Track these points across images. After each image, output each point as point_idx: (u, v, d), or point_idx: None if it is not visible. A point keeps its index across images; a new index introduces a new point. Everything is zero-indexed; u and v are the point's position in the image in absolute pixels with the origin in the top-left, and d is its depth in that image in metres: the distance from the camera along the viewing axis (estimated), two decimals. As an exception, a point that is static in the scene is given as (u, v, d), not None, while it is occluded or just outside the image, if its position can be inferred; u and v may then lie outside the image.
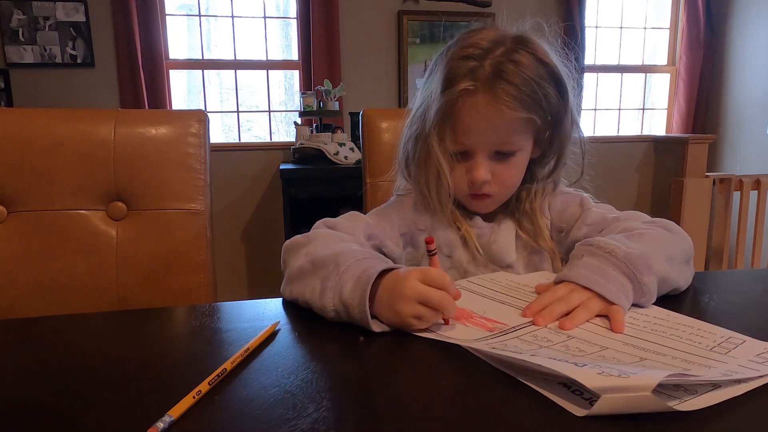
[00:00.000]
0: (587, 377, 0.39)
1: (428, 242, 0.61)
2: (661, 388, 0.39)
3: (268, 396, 0.42)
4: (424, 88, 0.77)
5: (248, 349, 0.50)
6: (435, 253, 0.61)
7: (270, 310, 0.64)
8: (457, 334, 0.54)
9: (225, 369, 0.46)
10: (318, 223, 0.76)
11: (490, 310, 0.60)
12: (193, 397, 0.41)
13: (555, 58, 0.73)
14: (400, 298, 0.53)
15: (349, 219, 0.78)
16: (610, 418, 0.37)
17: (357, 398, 0.41)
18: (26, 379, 0.47)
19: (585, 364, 0.42)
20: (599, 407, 0.37)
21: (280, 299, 0.67)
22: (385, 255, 0.74)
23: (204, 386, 0.43)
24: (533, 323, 0.55)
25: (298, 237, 0.71)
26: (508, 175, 0.76)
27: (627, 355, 0.47)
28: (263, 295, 3.30)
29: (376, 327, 0.54)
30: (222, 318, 0.61)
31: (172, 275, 0.96)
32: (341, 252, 0.61)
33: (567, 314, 0.56)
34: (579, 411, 0.39)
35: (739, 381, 0.42)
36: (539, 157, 0.80)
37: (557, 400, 0.40)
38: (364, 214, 0.83)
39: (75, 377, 0.47)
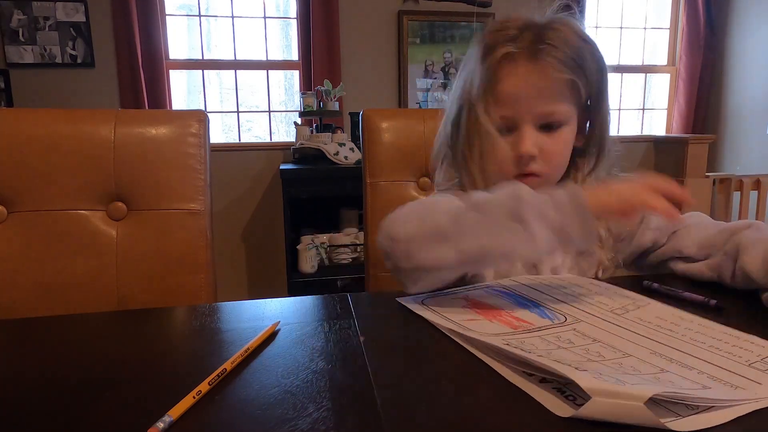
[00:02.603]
0: (582, 378, 0.39)
1: None
2: (661, 401, 0.38)
3: (268, 396, 0.42)
4: (461, 74, 0.76)
5: (248, 349, 0.50)
6: None
7: (270, 310, 0.64)
8: (478, 328, 0.54)
9: (225, 369, 0.46)
10: (410, 204, 0.67)
11: (521, 310, 0.60)
12: (193, 397, 0.41)
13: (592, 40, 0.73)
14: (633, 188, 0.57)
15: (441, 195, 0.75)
16: (599, 425, 0.37)
17: (357, 398, 0.41)
18: (26, 379, 0.47)
19: (585, 370, 0.41)
20: (587, 409, 0.37)
21: (280, 299, 0.67)
22: None
23: (204, 386, 0.43)
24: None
25: (404, 208, 0.64)
26: (555, 151, 0.72)
27: (648, 365, 0.45)
28: (263, 295, 3.31)
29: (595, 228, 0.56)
30: (222, 318, 0.61)
31: (172, 275, 0.96)
32: (506, 190, 0.59)
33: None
34: (566, 412, 0.38)
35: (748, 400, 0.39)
36: (582, 148, 0.78)
37: (544, 401, 0.40)
38: (366, 214, 0.82)
39: (75, 377, 0.47)
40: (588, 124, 0.77)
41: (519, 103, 0.70)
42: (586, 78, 0.71)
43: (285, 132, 3.18)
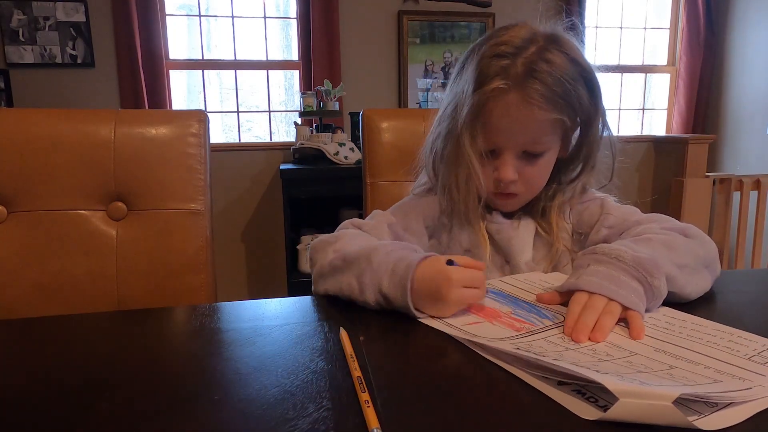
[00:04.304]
0: (608, 380, 0.38)
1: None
2: (681, 400, 0.38)
3: (268, 396, 0.42)
4: (454, 84, 0.77)
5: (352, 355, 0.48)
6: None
7: (270, 310, 0.64)
8: (483, 332, 0.54)
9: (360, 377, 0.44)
10: (345, 222, 0.79)
11: (519, 311, 0.60)
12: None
13: (586, 59, 0.73)
14: (443, 304, 0.58)
15: (374, 217, 0.81)
16: (620, 426, 0.37)
17: (357, 398, 0.41)
18: (26, 379, 0.47)
19: (607, 372, 0.41)
20: (615, 411, 0.36)
21: (280, 299, 0.67)
22: None
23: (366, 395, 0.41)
24: (573, 340, 0.51)
25: (325, 236, 0.74)
26: (534, 175, 0.76)
27: (656, 362, 0.46)
28: (263, 295, 3.31)
29: (420, 315, 0.59)
30: (222, 318, 0.61)
31: (172, 275, 0.96)
32: (372, 248, 0.64)
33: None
34: (592, 414, 0.38)
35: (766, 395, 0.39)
36: (567, 159, 0.80)
37: (568, 404, 0.40)
38: (366, 214, 0.84)
39: (75, 377, 0.47)
40: (577, 138, 0.78)
41: (504, 133, 0.73)
42: (575, 111, 0.72)
43: (285, 132, 3.18)
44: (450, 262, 0.60)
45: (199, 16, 2.96)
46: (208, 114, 1.08)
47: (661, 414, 0.36)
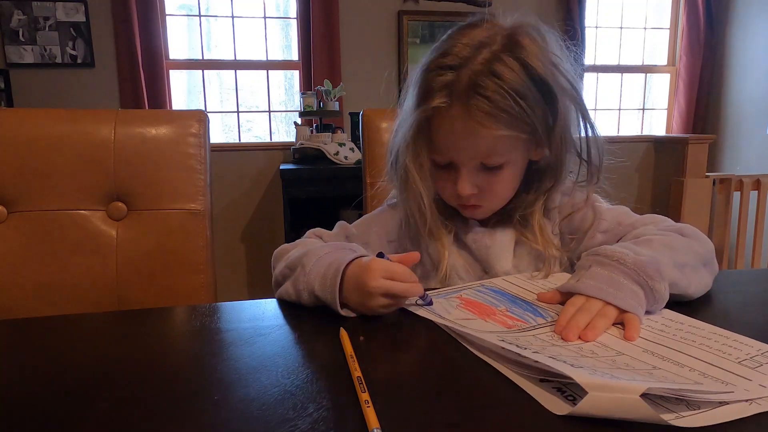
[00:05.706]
0: (578, 374, 0.38)
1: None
2: (661, 401, 0.38)
3: (268, 396, 0.42)
4: (406, 96, 0.74)
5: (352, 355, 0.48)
6: None
7: (270, 310, 0.64)
8: (474, 326, 0.54)
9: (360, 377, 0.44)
10: (308, 232, 0.79)
11: (515, 309, 0.60)
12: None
13: (549, 61, 0.68)
14: (367, 295, 0.58)
15: (336, 228, 0.81)
16: (597, 424, 0.37)
17: (357, 398, 0.41)
18: (26, 379, 0.47)
19: (581, 367, 0.42)
20: (584, 405, 0.36)
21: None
22: None
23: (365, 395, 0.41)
24: (563, 339, 0.52)
25: (286, 245, 0.75)
26: (496, 187, 0.73)
27: (640, 362, 0.46)
28: (263, 295, 3.29)
29: (349, 313, 0.60)
30: (222, 318, 0.61)
31: (172, 275, 0.96)
32: (305, 253, 0.66)
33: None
34: (563, 409, 0.38)
35: (750, 401, 0.39)
36: (542, 166, 0.76)
37: (543, 400, 0.40)
38: (365, 214, 0.83)
39: (75, 377, 0.47)
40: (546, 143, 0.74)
41: (453, 150, 0.70)
42: (527, 123, 0.67)
43: (285, 132, 3.18)
44: (380, 255, 0.61)
45: (199, 16, 2.96)
46: (208, 114, 1.08)
47: (628, 408, 0.35)
